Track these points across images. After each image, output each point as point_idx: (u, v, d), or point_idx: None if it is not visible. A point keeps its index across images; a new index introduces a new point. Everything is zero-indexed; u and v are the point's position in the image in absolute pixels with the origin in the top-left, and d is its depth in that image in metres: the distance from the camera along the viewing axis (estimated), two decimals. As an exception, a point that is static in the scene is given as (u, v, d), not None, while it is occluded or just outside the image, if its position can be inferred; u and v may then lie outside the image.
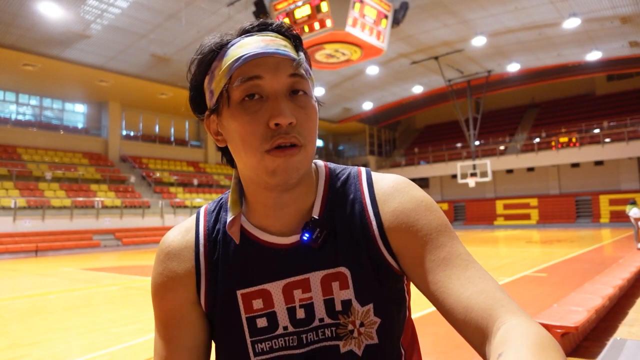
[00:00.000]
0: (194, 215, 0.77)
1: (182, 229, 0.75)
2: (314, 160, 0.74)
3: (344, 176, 0.75)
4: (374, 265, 0.68)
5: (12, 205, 16.91)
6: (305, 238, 0.67)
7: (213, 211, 0.75)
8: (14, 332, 5.28)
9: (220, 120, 0.66)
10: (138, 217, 20.37)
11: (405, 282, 0.73)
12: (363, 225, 0.69)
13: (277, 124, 0.61)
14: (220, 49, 0.66)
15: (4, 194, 17.83)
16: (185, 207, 22.47)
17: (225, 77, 0.63)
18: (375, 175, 0.75)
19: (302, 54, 0.66)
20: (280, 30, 0.67)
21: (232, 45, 0.65)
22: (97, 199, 19.72)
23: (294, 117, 0.62)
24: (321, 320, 0.67)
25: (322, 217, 0.69)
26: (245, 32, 0.66)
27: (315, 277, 0.68)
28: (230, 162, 0.72)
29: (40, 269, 11.91)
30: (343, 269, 0.67)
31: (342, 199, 0.72)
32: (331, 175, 0.75)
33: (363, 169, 0.76)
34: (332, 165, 0.78)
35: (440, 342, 4.17)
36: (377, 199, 0.70)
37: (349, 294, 0.67)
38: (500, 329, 0.50)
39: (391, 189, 0.71)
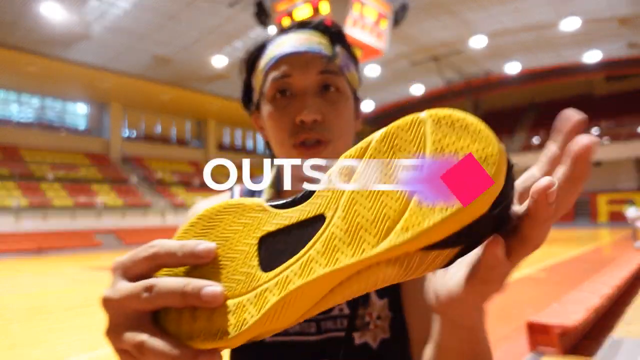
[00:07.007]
0: (227, 193, 0.78)
1: (217, 198, 0.75)
2: None
3: None
4: None
5: (14, 206, 16.96)
6: None
7: (247, 193, 0.78)
8: (14, 332, 5.26)
9: (260, 116, 0.71)
10: (139, 217, 20.42)
11: None
12: None
13: (301, 121, 0.63)
14: (261, 49, 0.70)
15: (6, 194, 17.87)
16: (187, 207, 22.52)
17: (262, 75, 0.68)
18: None
19: (338, 50, 0.68)
20: (318, 28, 0.69)
21: (270, 45, 0.69)
22: (98, 199, 19.77)
23: (321, 114, 0.63)
24: (341, 310, 0.68)
25: None
26: (285, 30, 0.69)
27: None
28: (273, 155, 0.76)
29: (41, 269, 11.94)
30: None
31: None
32: None
33: None
34: None
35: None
36: None
37: None
38: None
39: None
